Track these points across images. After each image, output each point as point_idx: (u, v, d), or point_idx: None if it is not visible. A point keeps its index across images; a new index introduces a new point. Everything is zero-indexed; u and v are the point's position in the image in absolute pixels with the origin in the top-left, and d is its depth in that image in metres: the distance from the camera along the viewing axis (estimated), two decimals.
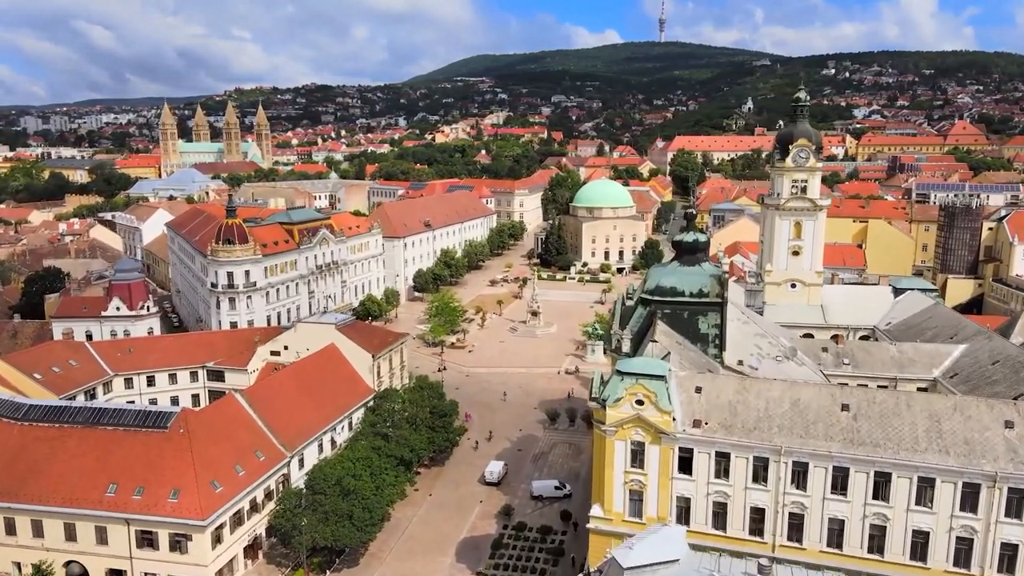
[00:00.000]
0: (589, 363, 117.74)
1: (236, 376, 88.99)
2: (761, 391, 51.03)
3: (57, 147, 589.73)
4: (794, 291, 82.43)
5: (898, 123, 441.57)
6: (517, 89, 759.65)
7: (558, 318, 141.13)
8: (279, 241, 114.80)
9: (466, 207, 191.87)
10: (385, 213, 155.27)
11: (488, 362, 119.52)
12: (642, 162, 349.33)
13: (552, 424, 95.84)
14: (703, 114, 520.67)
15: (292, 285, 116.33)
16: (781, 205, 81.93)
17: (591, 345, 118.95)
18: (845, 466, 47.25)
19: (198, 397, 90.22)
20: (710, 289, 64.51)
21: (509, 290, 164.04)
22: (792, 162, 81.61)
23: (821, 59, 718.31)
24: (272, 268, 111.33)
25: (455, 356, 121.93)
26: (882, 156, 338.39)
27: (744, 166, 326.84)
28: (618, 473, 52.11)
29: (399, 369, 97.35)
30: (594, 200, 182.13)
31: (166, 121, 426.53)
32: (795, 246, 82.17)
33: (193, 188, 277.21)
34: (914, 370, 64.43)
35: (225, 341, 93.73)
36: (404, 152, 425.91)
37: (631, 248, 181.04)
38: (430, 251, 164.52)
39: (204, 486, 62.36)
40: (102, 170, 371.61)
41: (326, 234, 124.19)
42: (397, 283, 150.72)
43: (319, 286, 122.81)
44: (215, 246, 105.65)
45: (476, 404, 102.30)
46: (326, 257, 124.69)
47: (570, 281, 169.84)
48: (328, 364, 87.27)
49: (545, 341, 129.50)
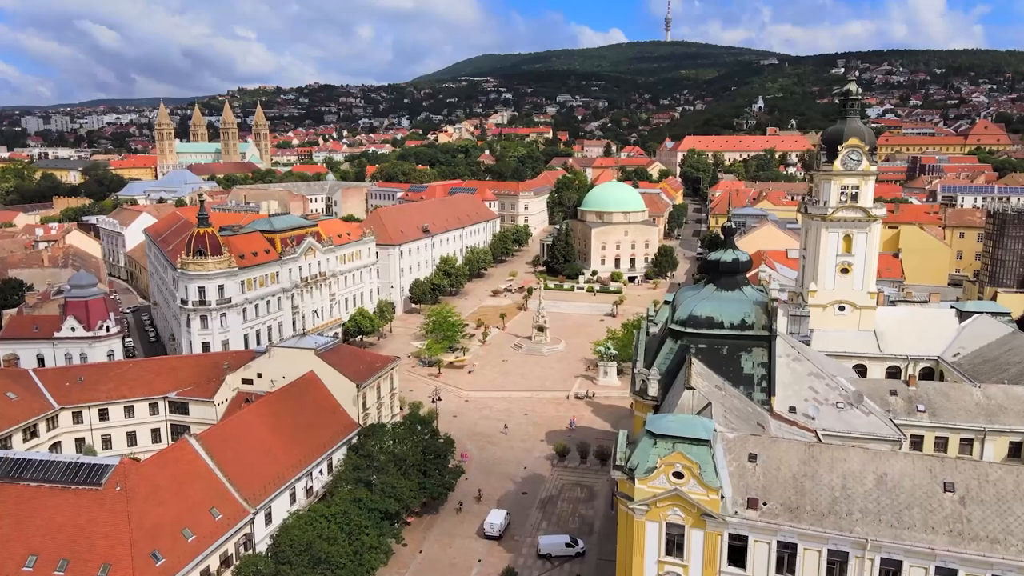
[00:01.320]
0: (601, 386, 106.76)
1: (201, 409, 78.05)
2: (836, 462, 39.77)
3: (56, 148, 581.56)
4: (843, 315, 71.05)
5: (914, 123, 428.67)
6: (522, 88, 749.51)
7: (566, 333, 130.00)
8: (259, 251, 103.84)
9: (468, 211, 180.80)
10: (380, 218, 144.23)
11: (489, 384, 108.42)
12: (651, 163, 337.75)
13: (560, 460, 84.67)
14: (712, 114, 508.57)
15: (273, 300, 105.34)
16: (828, 215, 70.39)
17: (603, 366, 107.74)
18: (953, 567, 36.01)
19: (158, 432, 79.27)
20: (755, 319, 53.27)
21: (513, 301, 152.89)
22: (842, 165, 70.06)
23: (830, 58, 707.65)
24: (250, 282, 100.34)
25: (453, 377, 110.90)
26: (900, 157, 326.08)
27: (757, 167, 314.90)
28: (649, 563, 41.00)
29: (388, 397, 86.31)
30: (604, 204, 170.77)
31: (162, 121, 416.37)
32: (844, 262, 70.63)
33: (185, 190, 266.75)
34: (1006, 420, 53.00)
35: (191, 367, 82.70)
36: (406, 152, 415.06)
37: (643, 255, 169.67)
38: (428, 259, 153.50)
39: (142, 558, 51.37)
40: (95, 171, 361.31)
41: (312, 243, 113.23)
42: (392, 294, 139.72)
43: (304, 300, 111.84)
44: (185, 258, 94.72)
45: (475, 436, 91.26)
46: (312, 268, 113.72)
47: (578, 291, 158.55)
48: (306, 395, 76.39)
49: (552, 360, 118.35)
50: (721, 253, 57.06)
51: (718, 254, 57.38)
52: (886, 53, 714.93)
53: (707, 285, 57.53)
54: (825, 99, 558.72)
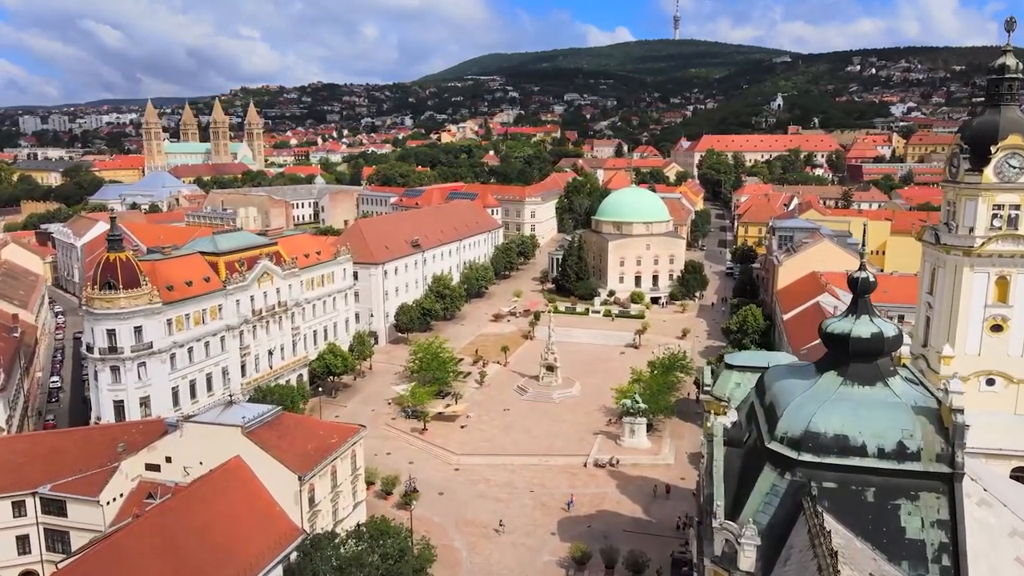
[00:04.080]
0: (627, 448, 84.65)
1: (84, 510, 56.46)
2: None
3: (48, 148, 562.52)
4: (992, 391, 49.27)
5: (943, 121, 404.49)
6: (528, 87, 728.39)
7: (581, 371, 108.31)
8: (195, 280, 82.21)
9: (466, 220, 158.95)
10: (360, 232, 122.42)
11: (487, 445, 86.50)
12: (667, 164, 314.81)
13: (580, 570, 62.98)
14: (728, 112, 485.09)
15: (215, 340, 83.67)
16: (975, 248, 48.30)
17: (629, 423, 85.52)
18: None
19: (26, 541, 57.69)
20: (921, 442, 31.26)
21: (518, 327, 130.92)
22: (996, 175, 47.78)
23: (845, 55, 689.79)
24: (181, 320, 78.72)
25: (442, 433, 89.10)
26: (937, 157, 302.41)
27: (783, 168, 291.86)
28: None
29: (349, 481, 64.60)
30: (622, 213, 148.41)
31: (150, 120, 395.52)
32: (997, 316, 48.58)
33: (162, 194, 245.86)
34: None
35: (78, 447, 61.02)
36: (406, 153, 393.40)
37: (667, 271, 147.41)
38: (418, 278, 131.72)
39: None
40: (75, 173, 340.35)
41: (269, 266, 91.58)
42: (373, 323, 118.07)
43: (258, 338, 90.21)
44: (91, 292, 73.21)
45: (465, 526, 69.58)
46: (269, 298, 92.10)
47: (594, 315, 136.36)
48: (226, 494, 54.85)
49: (564, 409, 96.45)
50: (851, 322, 34.91)
51: (844, 324, 35.18)
52: (902, 50, 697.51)
53: (824, 374, 35.49)
54: (843, 97, 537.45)
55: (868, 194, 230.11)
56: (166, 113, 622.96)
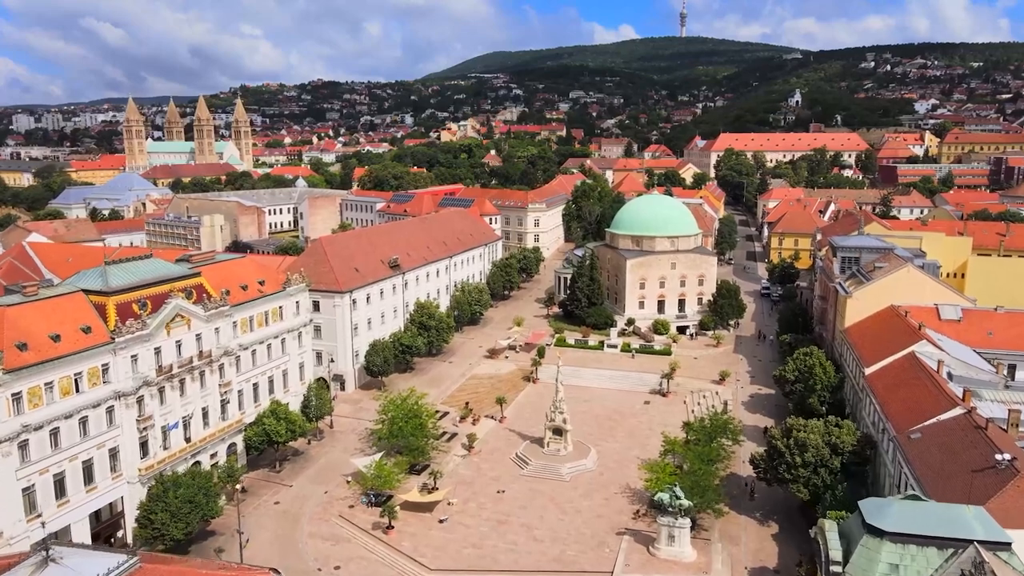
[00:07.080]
0: (665, 560, 61.39)
1: None
2: None
3: (33, 147, 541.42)
4: None
5: (973, 119, 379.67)
6: (533, 85, 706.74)
7: (597, 430, 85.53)
8: (66, 332, 59.18)
9: (459, 231, 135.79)
10: (322, 251, 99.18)
11: (472, 554, 63.07)
12: (681, 164, 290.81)
13: None
14: (743, 109, 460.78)
15: (97, 414, 60.59)
16: None
17: (667, 525, 62.06)
18: None
19: None
20: None
21: (518, 365, 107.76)
22: None
23: (858, 52, 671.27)
24: (37, 392, 55.67)
25: (413, 531, 65.81)
26: (977, 158, 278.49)
27: (809, 170, 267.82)
28: None
29: None
30: (642, 225, 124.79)
31: (131, 117, 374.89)
32: None
33: (128, 198, 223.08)
34: None
35: None
36: (403, 152, 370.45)
37: (696, 294, 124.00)
38: (397, 306, 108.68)
39: None
40: (48, 174, 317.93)
41: (183, 306, 68.52)
42: (337, 365, 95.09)
43: (167, 404, 67.15)
44: None
45: None
46: (185, 348, 69.05)
47: (610, 350, 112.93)
48: None
49: (577, 491, 73.20)
50: None
51: None
52: (917, 47, 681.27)
53: None
54: (860, 94, 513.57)
55: (909, 199, 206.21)
56: (164, 112, 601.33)
